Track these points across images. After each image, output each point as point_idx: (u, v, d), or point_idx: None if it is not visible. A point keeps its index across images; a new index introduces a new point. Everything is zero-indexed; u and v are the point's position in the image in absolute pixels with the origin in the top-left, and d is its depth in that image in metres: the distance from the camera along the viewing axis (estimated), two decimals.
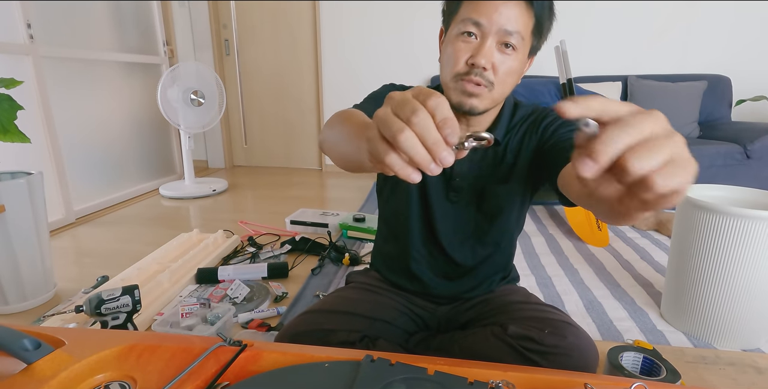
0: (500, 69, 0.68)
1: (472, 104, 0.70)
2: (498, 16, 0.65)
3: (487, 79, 0.68)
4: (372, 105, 0.76)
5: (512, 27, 0.65)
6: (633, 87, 2.87)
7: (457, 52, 0.68)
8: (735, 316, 1.15)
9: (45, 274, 1.42)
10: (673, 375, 0.63)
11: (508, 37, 0.66)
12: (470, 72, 0.68)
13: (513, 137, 0.80)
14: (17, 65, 1.97)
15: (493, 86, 0.69)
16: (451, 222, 0.84)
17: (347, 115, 0.58)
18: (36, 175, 1.38)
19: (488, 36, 0.66)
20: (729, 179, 2.38)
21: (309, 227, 2.10)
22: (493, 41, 0.66)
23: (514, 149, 0.80)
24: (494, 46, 0.67)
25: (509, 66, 0.68)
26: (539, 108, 0.82)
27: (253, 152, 3.75)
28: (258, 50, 3.49)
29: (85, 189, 2.39)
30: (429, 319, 0.90)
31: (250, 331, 1.24)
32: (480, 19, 0.65)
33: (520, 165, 0.79)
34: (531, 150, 0.79)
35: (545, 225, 2.23)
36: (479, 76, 0.67)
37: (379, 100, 0.77)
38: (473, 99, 0.70)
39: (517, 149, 0.80)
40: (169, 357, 0.48)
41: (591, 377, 0.46)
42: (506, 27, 0.65)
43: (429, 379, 0.43)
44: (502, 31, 0.65)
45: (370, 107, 0.75)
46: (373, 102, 0.77)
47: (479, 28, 0.66)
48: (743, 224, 1.09)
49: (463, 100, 0.70)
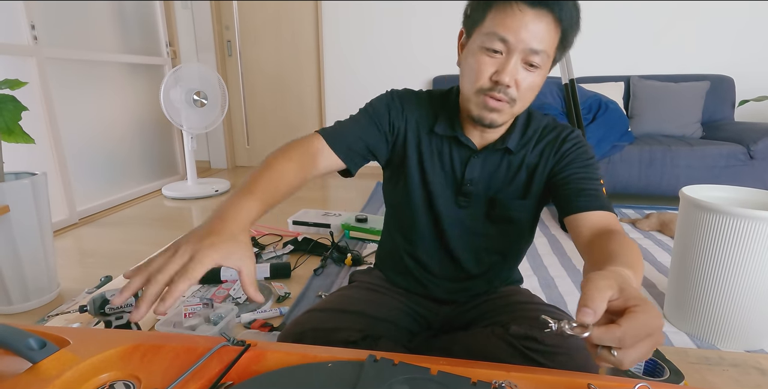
0: (522, 85, 0.67)
1: (493, 119, 0.70)
2: (526, 33, 0.63)
3: (509, 95, 0.67)
4: (359, 118, 0.78)
5: (539, 46, 0.63)
6: (636, 87, 2.86)
7: (481, 66, 0.67)
8: (738, 317, 1.15)
9: (49, 274, 1.43)
10: (677, 375, 0.63)
11: (533, 55, 0.64)
12: (494, 88, 0.67)
13: (530, 152, 0.79)
14: (21, 66, 1.98)
15: (514, 102, 0.69)
16: (458, 227, 0.84)
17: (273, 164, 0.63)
18: (40, 175, 1.38)
19: (514, 53, 0.64)
20: (732, 180, 2.38)
21: (311, 228, 2.11)
22: (518, 59, 0.65)
23: (531, 165, 0.79)
24: (519, 63, 0.65)
25: (532, 82, 0.67)
26: (556, 123, 0.81)
27: (255, 153, 3.75)
28: (260, 51, 3.49)
29: (88, 190, 2.40)
30: (432, 319, 0.90)
31: (253, 331, 1.24)
32: (507, 35, 0.63)
33: (534, 184, 0.79)
34: (546, 173, 0.78)
35: (548, 226, 2.22)
36: (502, 92, 0.67)
37: (370, 112, 0.79)
38: (494, 114, 0.70)
39: (534, 167, 0.79)
40: (173, 356, 0.48)
41: (594, 377, 0.46)
42: (533, 46, 0.63)
43: (432, 379, 0.43)
44: (528, 49, 0.64)
45: (357, 121, 0.78)
46: (366, 115, 0.79)
47: (505, 45, 0.64)
48: (746, 225, 1.09)
49: (484, 114, 0.70)
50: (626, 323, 0.38)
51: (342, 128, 0.77)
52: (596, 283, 0.40)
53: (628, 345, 0.37)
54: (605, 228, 0.65)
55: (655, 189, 2.50)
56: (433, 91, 0.84)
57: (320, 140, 0.73)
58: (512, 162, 0.80)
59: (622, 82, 2.91)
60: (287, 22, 3.38)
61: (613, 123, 2.53)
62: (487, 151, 0.79)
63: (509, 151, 0.78)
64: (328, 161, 0.73)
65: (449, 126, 0.79)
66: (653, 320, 0.38)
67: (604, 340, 0.38)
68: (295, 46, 3.43)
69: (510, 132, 0.78)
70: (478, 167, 0.80)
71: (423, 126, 0.81)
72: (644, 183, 2.49)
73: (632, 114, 2.87)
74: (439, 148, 0.81)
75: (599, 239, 0.62)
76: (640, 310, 0.38)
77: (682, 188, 1.27)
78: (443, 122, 0.79)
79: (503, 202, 0.80)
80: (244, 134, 3.70)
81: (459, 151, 0.80)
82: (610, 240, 0.58)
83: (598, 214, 0.67)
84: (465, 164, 0.80)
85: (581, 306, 0.39)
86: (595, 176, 0.74)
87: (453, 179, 0.82)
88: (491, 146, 0.78)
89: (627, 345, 0.37)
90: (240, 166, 3.81)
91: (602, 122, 2.52)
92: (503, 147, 0.77)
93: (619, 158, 2.47)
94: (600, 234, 0.63)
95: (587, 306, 0.38)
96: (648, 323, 0.38)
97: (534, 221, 0.86)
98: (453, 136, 0.79)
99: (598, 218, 0.67)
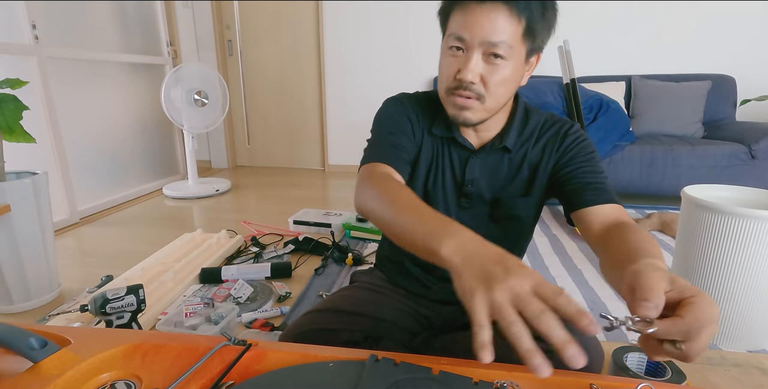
0: (490, 80, 0.67)
1: (465, 117, 0.71)
2: (480, 29, 0.63)
3: (476, 92, 0.68)
4: (393, 133, 0.77)
5: (497, 38, 0.64)
6: (637, 87, 2.86)
7: (446, 67, 0.69)
8: (740, 317, 1.15)
9: (50, 274, 1.43)
10: (678, 376, 0.63)
11: (493, 48, 0.65)
12: (459, 86, 0.68)
13: (531, 149, 0.79)
14: (22, 66, 1.98)
15: (484, 98, 0.69)
16: None
17: (390, 187, 0.61)
18: (41, 175, 1.38)
19: (472, 49, 0.65)
20: (734, 180, 2.37)
21: (312, 227, 2.11)
22: (478, 54, 0.65)
23: (533, 162, 0.79)
24: (480, 59, 0.66)
25: (500, 76, 0.67)
26: (555, 118, 0.81)
27: (255, 153, 3.76)
28: (261, 51, 3.49)
29: (89, 189, 2.40)
30: (433, 319, 0.90)
31: (254, 331, 1.24)
32: (462, 33, 0.65)
33: (536, 181, 0.79)
34: (549, 169, 0.78)
35: (548, 225, 2.22)
36: (468, 89, 0.68)
37: (390, 121, 0.78)
38: (465, 112, 0.70)
39: (536, 163, 0.79)
40: (174, 356, 0.48)
41: (596, 377, 0.46)
42: (490, 39, 0.64)
43: (434, 379, 0.43)
44: (486, 43, 0.64)
45: (393, 137, 0.76)
46: (390, 130, 0.77)
47: (463, 43, 0.66)
48: (748, 225, 1.08)
49: (456, 113, 0.71)
50: (689, 314, 0.37)
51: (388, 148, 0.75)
52: (649, 276, 0.39)
53: (693, 336, 0.37)
54: (616, 221, 0.65)
55: (657, 189, 2.49)
56: (429, 93, 0.84)
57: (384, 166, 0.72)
58: (513, 160, 0.80)
59: (623, 81, 2.91)
60: (288, 21, 3.38)
61: (614, 123, 2.53)
62: (485, 150, 0.79)
63: (507, 150, 0.78)
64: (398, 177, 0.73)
65: (446, 127, 0.79)
66: (712, 308, 0.38)
67: (671, 334, 0.37)
68: (296, 46, 3.43)
69: (507, 130, 0.78)
70: (478, 167, 0.80)
71: (424, 128, 0.81)
72: (645, 183, 2.49)
73: (633, 114, 2.86)
74: (440, 149, 0.81)
75: (615, 231, 0.62)
76: (698, 300, 0.38)
77: (684, 188, 1.27)
78: (440, 123, 0.79)
79: (506, 201, 0.80)
80: (245, 134, 3.70)
81: (458, 152, 0.80)
82: (628, 233, 0.58)
83: (607, 207, 0.68)
84: (464, 164, 0.80)
85: (641, 301, 0.38)
86: (600, 169, 0.74)
87: (453, 181, 0.81)
88: (489, 146, 0.78)
89: (692, 337, 0.37)
90: (240, 165, 3.81)
91: (603, 122, 2.52)
92: (501, 146, 0.77)
93: (621, 157, 2.47)
94: (613, 227, 0.63)
95: (648, 300, 0.37)
96: (709, 312, 0.37)
97: (536, 219, 0.86)
98: (450, 137, 0.79)
99: (608, 211, 0.67)
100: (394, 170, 0.72)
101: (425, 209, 0.54)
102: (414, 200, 0.57)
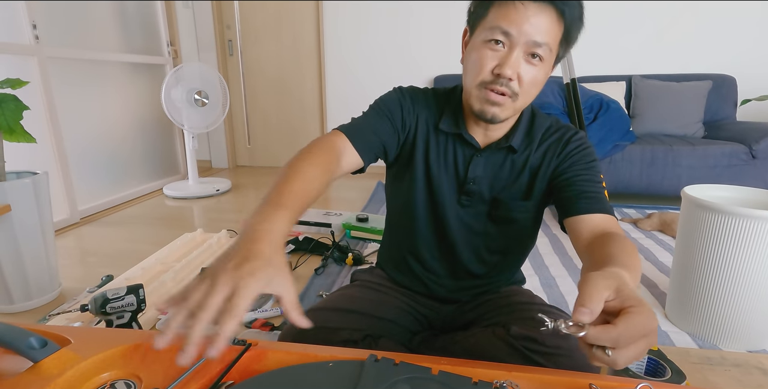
0: (525, 79, 0.67)
1: (495, 113, 0.70)
2: (529, 26, 0.63)
3: (512, 89, 0.67)
4: (374, 114, 0.77)
5: (541, 38, 0.64)
6: (637, 87, 2.86)
7: (483, 60, 0.67)
8: (740, 317, 1.15)
9: (50, 273, 1.43)
10: (678, 376, 0.63)
11: (536, 48, 0.64)
12: (495, 81, 0.67)
13: (533, 152, 0.79)
14: (23, 66, 1.98)
15: (517, 97, 0.68)
16: (460, 226, 0.83)
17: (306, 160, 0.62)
18: (41, 175, 1.38)
19: (516, 46, 0.65)
20: (734, 180, 2.37)
21: (312, 227, 2.11)
22: (520, 52, 0.65)
23: (534, 166, 0.79)
24: (521, 56, 0.65)
25: (534, 76, 0.67)
26: (560, 124, 0.81)
27: (256, 152, 3.76)
28: (261, 51, 3.49)
29: (89, 189, 2.40)
30: (433, 318, 0.90)
31: (254, 331, 1.24)
32: (509, 28, 0.64)
33: (536, 185, 0.79)
34: (549, 174, 0.78)
35: (549, 225, 2.22)
36: (505, 86, 0.67)
37: (383, 108, 0.78)
38: (496, 108, 0.69)
39: (537, 168, 0.79)
40: (174, 355, 0.48)
41: (596, 377, 0.46)
42: (535, 38, 0.64)
43: (433, 379, 0.43)
44: (530, 42, 0.64)
45: (372, 117, 0.77)
46: (380, 112, 0.78)
47: (508, 38, 0.65)
48: (748, 225, 1.08)
49: (486, 108, 0.70)
50: (622, 323, 0.38)
51: (360, 124, 0.76)
52: (594, 283, 0.40)
53: (622, 345, 0.38)
54: (605, 231, 0.65)
55: (657, 189, 2.49)
56: (437, 89, 0.84)
57: (342, 137, 0.72)
58: (516, 162, 0.80)
59: (623, 81, 2.91)
60: (288, 21, 3.38)
61: (614, 123, 2.53)
62: (490, 149, 0.79)
63: (513, 149, 0.78)
64: (350, 158, 0.72)
65: (453, 123, 0.79)
66: (649, 321, 0.38)
67: (599, 340, 0.38)
68: (296, 46, 3.43)
69: (514, 130, 0.78)
70: (481, 165, 0.80)
71: (430, 123, 0.81)
72: (646, 183, 2.49)
73: (634, 113, 2.86)
74: (444, 145, 0.81)
75: (598, 241, 0.62)
76: (636, 311, 0.38)
77: (684, 188, 1.27)
78: (448, 119, 0.79)
79: (505, 202, 0.80)
80: (245, 134, 3.70)
81: (463, 149, 0.80)
82: (608, 242, 0.58)
83: (598, 217, 0.67)
84: (468, 162, 0.80)
85: (578, 306, 0.39)
86: (597, 178, 0.74)
87: (456, 178, 0.81)
88: (495, 145, 0.78)
89: (622, 345, 0.38)
90: (241, 165, 3.81)
91: (604, 122, 2.51)
92: (507, 145, 0.77)
93: (621, 157, 2.47)
94: (599, 237, 0.63)
95: (584, 306, 0.39)
96: (644, 324, 0.38)
97: (536, 223, 0.85)
98: (457, 133, 0.79)
99: (598, 220, 0.67)
100: (353, 147, 0.72)
101: (292, 188, 0.56)
102: (297, 183, 0.58)
